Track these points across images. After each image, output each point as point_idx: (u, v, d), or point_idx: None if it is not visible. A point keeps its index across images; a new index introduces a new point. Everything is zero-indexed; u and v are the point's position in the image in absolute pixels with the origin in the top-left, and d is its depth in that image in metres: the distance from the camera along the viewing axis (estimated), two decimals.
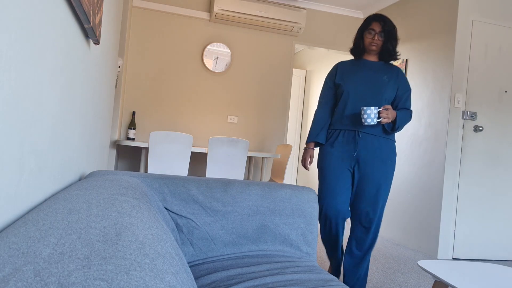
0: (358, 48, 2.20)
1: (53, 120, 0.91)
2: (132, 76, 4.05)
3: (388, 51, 2.11)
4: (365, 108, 1.96)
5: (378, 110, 1.98)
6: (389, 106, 1.99)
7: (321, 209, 2.15)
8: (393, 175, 2.14)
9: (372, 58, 2.19)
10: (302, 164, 2.26)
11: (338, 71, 2.21)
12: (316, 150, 4.96)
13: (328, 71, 2.21)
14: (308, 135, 2.23)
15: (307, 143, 2.24)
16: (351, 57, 4.68)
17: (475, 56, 3.38)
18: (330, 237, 2.17)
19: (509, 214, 3.42)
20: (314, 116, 2.26)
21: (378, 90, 2.09)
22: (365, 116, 1.95)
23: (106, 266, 0.43)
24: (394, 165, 2.14)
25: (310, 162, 2.23)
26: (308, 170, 2.29)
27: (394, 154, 2.13)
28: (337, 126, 2.17)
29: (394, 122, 2.07)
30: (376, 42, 2.09)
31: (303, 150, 2.56)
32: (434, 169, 3.42)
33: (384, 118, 1.97)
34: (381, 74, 2.13)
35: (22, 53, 0.65)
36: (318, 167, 2.23)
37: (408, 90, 2.15)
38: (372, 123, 1.96)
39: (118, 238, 0.53)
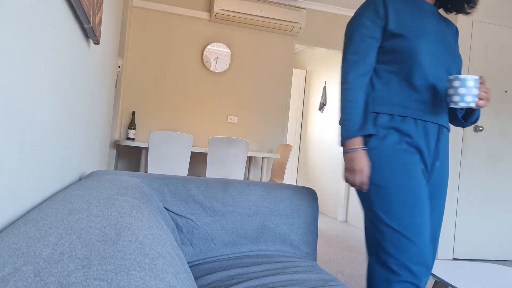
0: None
1: (53, 120, 0.91)
2: (132, 76, 4.05)
3: None
4: (462, 77, 1.10)
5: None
6: (484, 79, 1.16)
7: (405, 266, 1.14)
8: None
9: None
10: (355, 181, 1.20)
11: (390, 9, 1.23)
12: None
13: (364, 7, 1.26)
14: (346, 125, 1.21)
15: (349, 138, 1.20)
16: None
17: (475, 56, 3.38)
18: None
19: (509, 214, 3.42)
20: (347, 89, 1.22)
21: (453, 53, 1.28)
22: (462, 91, 1.10)
23: (106, 266, 0.43)
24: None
25: (367, 173, 1.21)
26: (367, 190, 1.22)
27: None
28: (402, 110, 1.21)
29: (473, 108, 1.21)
30: None
31: (343, 156, 1.31)
32: None
33: (483, 99, 1.14)
34: (446, 29, 1.31)
35: (22, 53, 0.65)
36: (375, 181, 1.20)
37: (461, 61, 1.35)
38: (471, 105, 1.11)
39: (118, 238, 0.53)
